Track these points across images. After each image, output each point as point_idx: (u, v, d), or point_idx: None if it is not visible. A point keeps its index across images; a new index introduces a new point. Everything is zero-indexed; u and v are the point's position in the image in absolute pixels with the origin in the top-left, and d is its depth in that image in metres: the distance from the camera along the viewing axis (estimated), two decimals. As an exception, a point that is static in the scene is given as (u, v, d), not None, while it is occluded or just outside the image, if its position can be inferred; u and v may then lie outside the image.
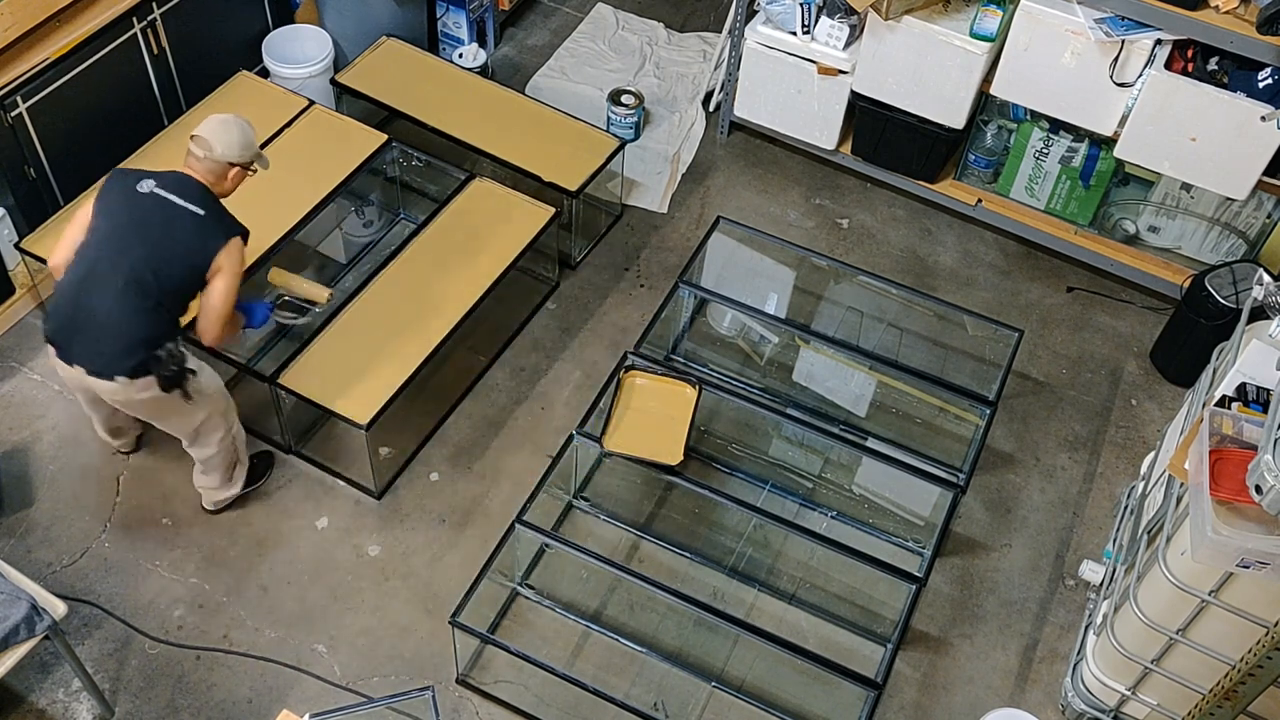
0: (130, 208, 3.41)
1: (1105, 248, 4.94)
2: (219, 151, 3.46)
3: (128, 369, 3.39)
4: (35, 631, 3.29)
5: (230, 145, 3.47)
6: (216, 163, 3.47)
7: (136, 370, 3.41)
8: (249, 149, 3.52)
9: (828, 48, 4.79)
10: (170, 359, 3.40)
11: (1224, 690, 2.99)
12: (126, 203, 3.42)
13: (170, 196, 3.41)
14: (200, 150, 3.46)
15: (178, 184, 3.44)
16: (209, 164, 3.47)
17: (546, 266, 4.87)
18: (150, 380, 3.44)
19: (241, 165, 3.53)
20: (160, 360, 3.40)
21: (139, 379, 3.42)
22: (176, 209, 3.39)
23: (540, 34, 5.93)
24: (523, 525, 3.82)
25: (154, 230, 3.39)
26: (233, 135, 3.47)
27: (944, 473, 4.23)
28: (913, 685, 3.95)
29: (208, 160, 3.47)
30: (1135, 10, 4.18)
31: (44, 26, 4.25)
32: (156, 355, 3.40)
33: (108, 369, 3.39)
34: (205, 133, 3.46)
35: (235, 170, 3.52)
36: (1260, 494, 2.65)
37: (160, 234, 3.39)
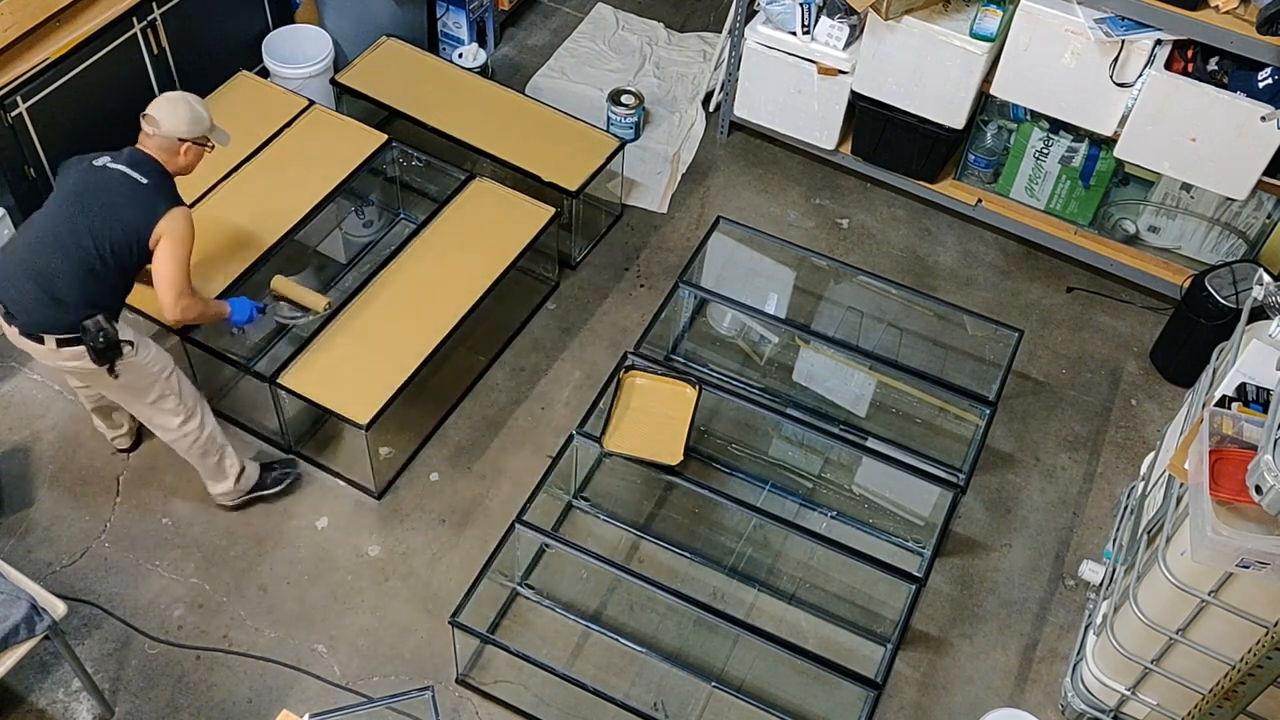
0: (82, 178, 3.53)
1: (1105, 248, 4.94)
2: (165, 127, 3.55)
3: (59, 328, 3.42)
4: (35, 631, 3.29)
5: (177, 121, 3.55)
6: (166, 138, 3.56)
7: (65, 335, 3.43)
8: (198, 124, 3.59)
9: (828, 48, 4.79)
10: (98, 330, 3.43)
11: (1224, 690, 2.99)
12: (80, 175, 3.53)
13: (119, 167, 3.51)
14: (149, 127, 3.56)
15: (129, 157, 3.54)
16: (159, 140, 3.56)
17: (546, 266, 4.87)
18: (79, 350, 3.46)
19: (193, 141, 3.60)
20: (88, 330, 3.42)
21: (65, 348, 3.46)
22: (123, 177, 3.49)
23: (540, 34, 5.93)
24: (523, 525, 3.82)
25: (100, 197, 3.47)
26: (180, 111, 3.56)
27: (944, 473, 4.23)
28: (912, 685, 3.95)
29: (157, 136, 3.55)
30: (1135, 10, 4.18)
31: (44, 26, 4.25)
32: (84, 325, 3.43)
33: (39, 327, 3.43)
34: (153, 110, 3.56)
35: (187, 146, 3.60)
36: (1260, 494, 2.65)
37: (104, 201, 3.47)
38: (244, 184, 4.50)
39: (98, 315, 3.44)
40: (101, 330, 3.43)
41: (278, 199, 4.44)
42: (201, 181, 4.40)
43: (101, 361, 3.48)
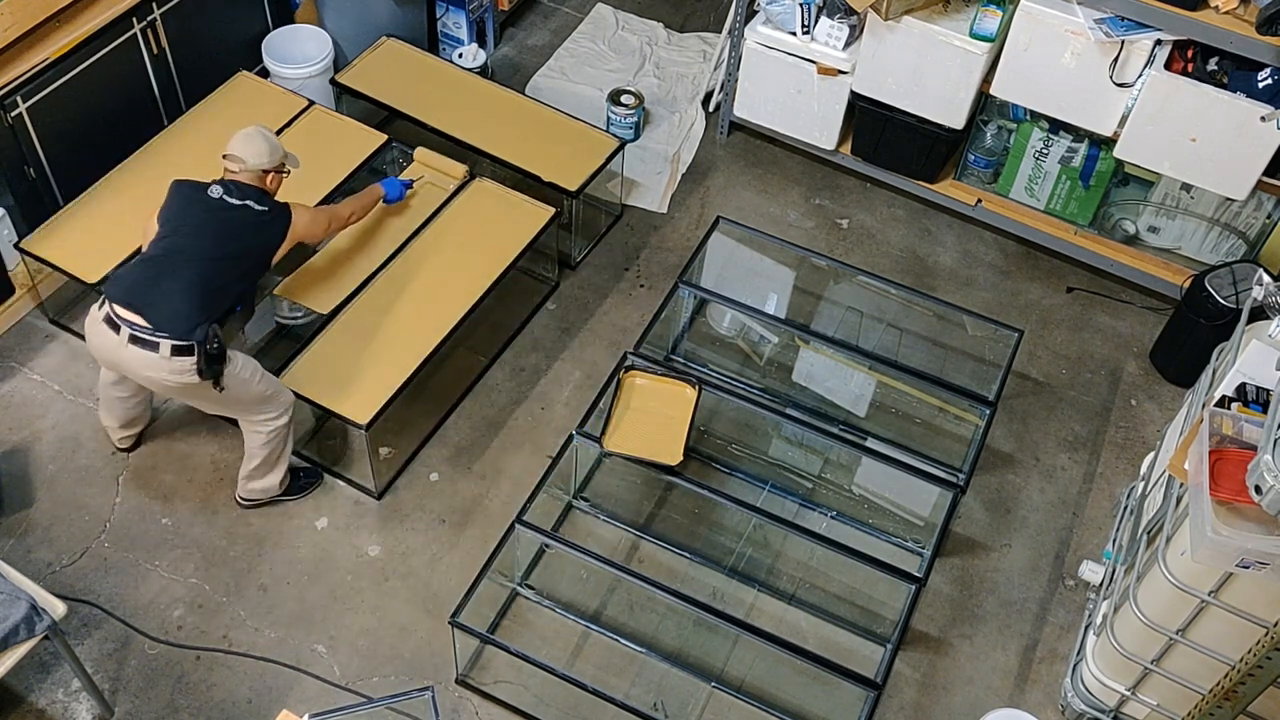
0: (203, 207, 3.69)
1: (1105, 248, 4.94)
2: (251, 162, 3.75)
3: (183, 330, 3.50)
4: (35, 631, 3.29)
5: (260, 154, 3.76)
6: (254, 172, 3.77)
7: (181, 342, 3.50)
8: (276, 152, 3.80)
9: (827, 48, 4.79)
10: (214, 336, 3.55)
11: (1224, 690, 2.99)
12: (199, 205, 3.70)
13: (233, 200, 3.71)
14: (235, 165, 3.75)
15: (234, 188, 3.74)
16: (247, 175, 3.77)
17: (546, 266, 4.87)
18: (189, 362, 3.52)
19: (275, 170, 3.81)
20: (206, 335, 3.53)
21: (178, 357, 3.52)
22: (242, 209, 3.70)
23: (540, 34, 5.93)
24: (523, 525, 3.82)
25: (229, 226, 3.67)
26: (258, 145, 3.76)
27: (944, 473, 4.23)
28: (912, 685, 3.95)
29: (245, 171, 3.76)
30: (1135, 10, 4.18)
31: (44, 26, 4.25)
32: (206, 329, 3.53)
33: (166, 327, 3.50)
34: (235, 149, 3.75)
35: (271, 175, 3.81)
36: (1260, 494, 2.65)
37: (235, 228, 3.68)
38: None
39: (213, 324, 3.56)
40: (216, 337, 3.54)
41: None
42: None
43: (208, 372, 3.55)
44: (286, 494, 4.17)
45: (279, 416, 3.89)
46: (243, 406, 3.82)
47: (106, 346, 3.60)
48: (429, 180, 4.60)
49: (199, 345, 3.51)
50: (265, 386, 3.81)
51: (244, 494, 4.12)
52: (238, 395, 3.74)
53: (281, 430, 3.92)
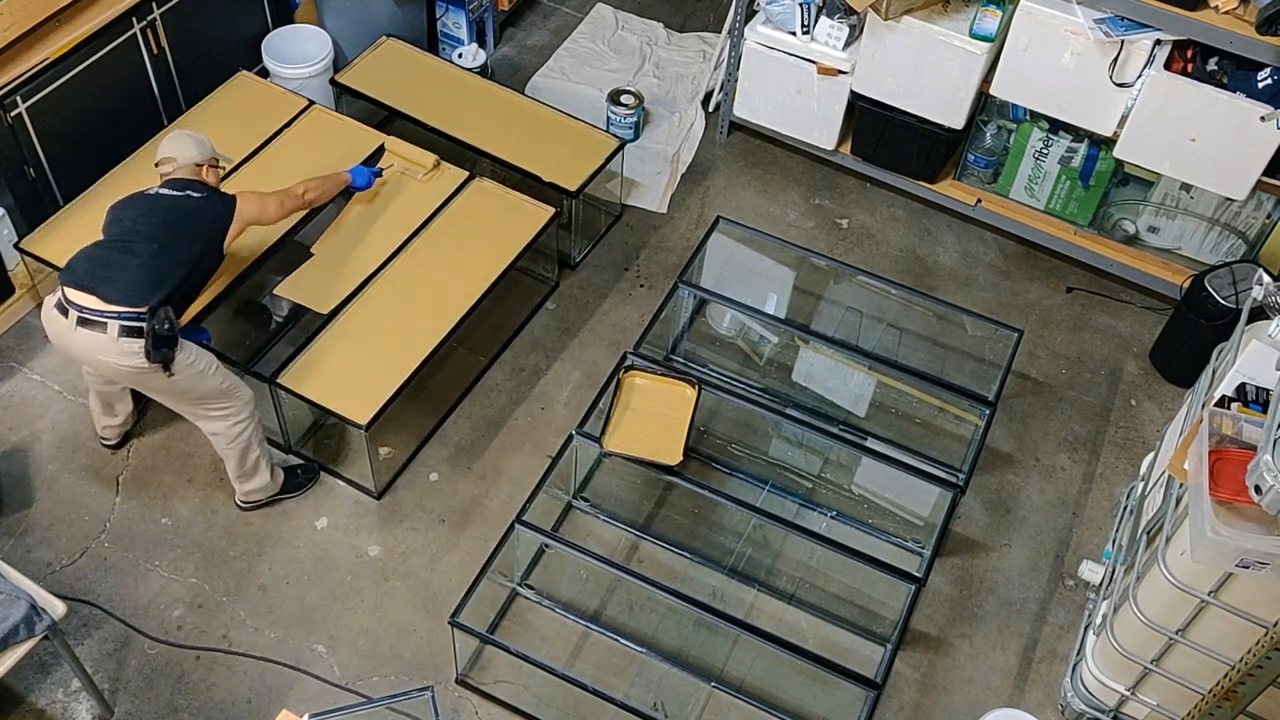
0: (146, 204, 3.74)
1: (1105, 248, 4.94)
2: (181, 159, 3.84)
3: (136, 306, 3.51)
4: (35, 631, 3.29)
5: (188, 150, 3.85)
6: (185, 167, 3.85)
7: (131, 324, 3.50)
8: (204, 147, 3.89)
9: (827, 48, 4.79)
10: (165, 318, 3.55)
11: (1224, 690, 2.99)
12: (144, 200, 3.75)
13: (172, 191, 3.76)
14: (168, 166, 3.85)
15: (171, 184, 3.79)
16: (182, 170, 3.84)
17: (546, 266, 4.87)
18: (137, 345, 3.51)
19: (208, 164, 3.88)
20: (156, 314, 3.53)
21: (125, 339, 3.51)
22: (183, 196, 3.75)
23: (540, 34, 5.94)
24: (522, 525, 3.82)
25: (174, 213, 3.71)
26: (185, 142, 3.87)
27: (943, 473, 4.24)
28: (912, 685, 3.95)
29: (178, 169, 3.84)
30: (1135, 10, 4.18)
31: (44, 26, 4.25)
32: (155, 310, 3.53)
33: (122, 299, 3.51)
34: (163, 152, 3.87)
35: (205, 167, 3.87)
36: (1260, 494, 2.65)
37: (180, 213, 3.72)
38: (244, 184, 4.49)
39: (168, 305, 3.57)
40: (168, 319, 3.55)
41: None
42: (201, 181, 4.41)
43: (155, 355, 3.54)
44: (285, 492, 4.17)
45: (237, 414, 3.85)
46: (199, 402, 3.78)
47: (58, 332, 3.62)
48: (399, 169, 4.59)
49: (148, 324, 3.50)
50: (221, 380, 3.79)
51: (241, 498, 4.12)
52: (192, 387, 3.71)
53: (243, 430, 3.89)
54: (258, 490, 4.09)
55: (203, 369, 3.72)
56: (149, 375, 3.62)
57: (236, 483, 4.07)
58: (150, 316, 3.51)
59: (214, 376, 3.77)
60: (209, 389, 3.76)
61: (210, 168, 3.88)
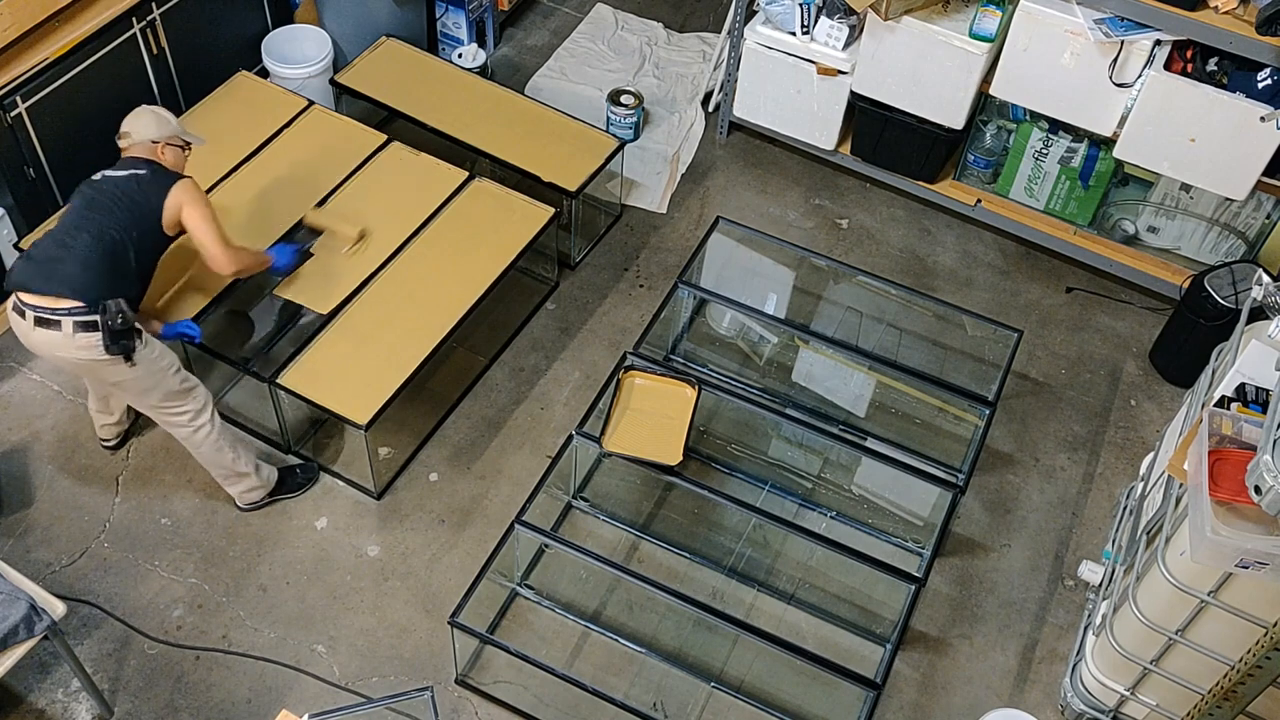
0: (90, 189, 3.71)
1: (1104, 248, 4.94)
2: (136, 135, 3.77)
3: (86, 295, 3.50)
4: (34, 632, 3.29)
5: (145, 126, 3.79)
6: (141, 143, 3.77)
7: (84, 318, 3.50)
8: (163, 125, 3.81)
9: (827, 48, 4.79)
10: (117, 311, 3.53)
11: (1223, 690, 2.99)
12: (87, 189, 3.73)
13: (117, 173, 3.73)
14: (124, 141, 3.79)
15: (122, 164, 3.77)
16: (137, 147, 3.78)
17: (546, 267, 4.87)
18: (94, 338, 3.52)
19: (166, 141, 3.80)
20: (108, 309, 3.51)
21: (81, 334, 3.51)
22: (125, 177, 3.71)
23: (540, 34, 5.94)
24: (522, 525, 3.82)
25: (112, 195, 3.67)
26: (145, 118, 3.80)
27: (943, 473, 4.24)
28: (912, 685, 3.95)
29: (134, 145, 3.78)
30: (1134, 11, 4.18)
31: (44, 26, 4.25)
32: (105, 304, 3.51)
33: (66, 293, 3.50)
34: (125, 126, 3.80)
35: (162, 145, 3.79)
36: (1259, 494, 2.65)
37: (117, 196, 3.67)
38: (243, 184, 4.50)
39: (119, 299, 3.55)
40: (121, 312, 3.53)
41: (277, 199, 4.44)
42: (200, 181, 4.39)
43: (114, 347, 3.54)
44: (284, 491, 4.17)
45: (198, 415, 3.84)
46: (161, 402, 3.77)
47: (20, 333, 3.62)
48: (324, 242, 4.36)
49: (101, 317, 3.50)
50: (180, 380, 3.78)
51: (238, 502, 4.13)
52: (155, 384, 3.71)
53: (207, 432, 3.87)
54: (250, 490, 4.09)
55: (165, 365, 3.71)
56: (110, 367, 3.61)
57: (227, 486, 4.06)
58: (101, 311, 3.50)
59: (175, 375, 3.75)
60: (169, 387, 3.74)
61: (169, 146, 3.79)
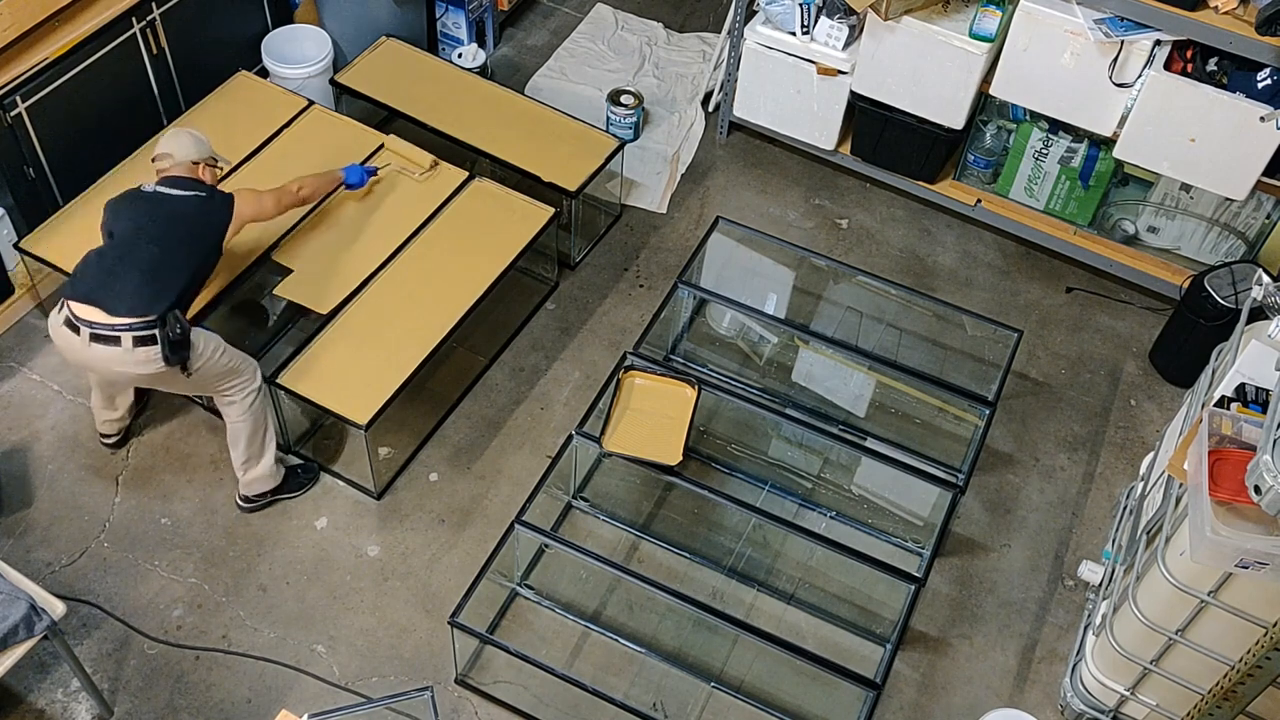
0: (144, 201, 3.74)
1: (1104, 248, 4.94)
2: (179, 155, 3.85)
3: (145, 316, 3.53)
4: (34, 631, 3.29)
5: (186, 147, 3.86)
6: (182, 164, 3.85)
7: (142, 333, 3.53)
8: (203, 145, 3.91)
9: (827, 48, 4.79)
10: (175, 322, 3.58)
11: (1223, 690, 2.99)
12: (141, 200, 3.75)
13: (173, 190, 3.77)
14: (164, 162, 3.85)
15: (171, 182, 3.80)
16: (180, 168, 3.85)
17: (546, 267, 4.87)
18: (153, 351, 3.55)
19: (205, 162, 3.90)
20: (166, 322, 3.56)
21: (141, 348, 3.54)
22: (185, 197, 3.77)
23: (539, 34, 5.94)
24: (522, 525, 3.82)
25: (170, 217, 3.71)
26: (184, 139, 3.88)
27: (943, 473, 4.24)
28: (912, 685, 3.95)
29: (175, 166, 3.85)
30: (1134, 11, 4.18)
31: (43, 26, 4.25)
32: (164, 317, 3.56)
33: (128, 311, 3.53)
34: (161, 148, 3.88)
35: (202, 166, 3.89)
36: (1259, 494, 2.65)
37: (175, 217, 3.72)
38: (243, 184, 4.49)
39: (176, 309, 3.60)
40: (179, 323, 3.58)
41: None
42: (201, 181, 4.41)
43: (173, 358, 3.59)
44: (285, 491, 4.17)
45: (249, 383, 3.90)
46: (213, 382, 3.83)
47: (70, 348, 3.62)
48: (395, 168, 4.59)
49: (160, 331, 3.53)
50: (229, 359, 3.83)
51: (244, 490, 4.11)
52: (206, 371, 3.76)
53: (255, 396, 3.92)
54: (261, 478, 4.08)
55: (211, 352, 3.75)
56: (168, 375, 3.67)
57: (242, 469, 4.05)
58: (160, 325, 3.54)
59: (223, 357, 3.80)
60: (221, 369, 3.80)
61: (207, 167, 3.90)
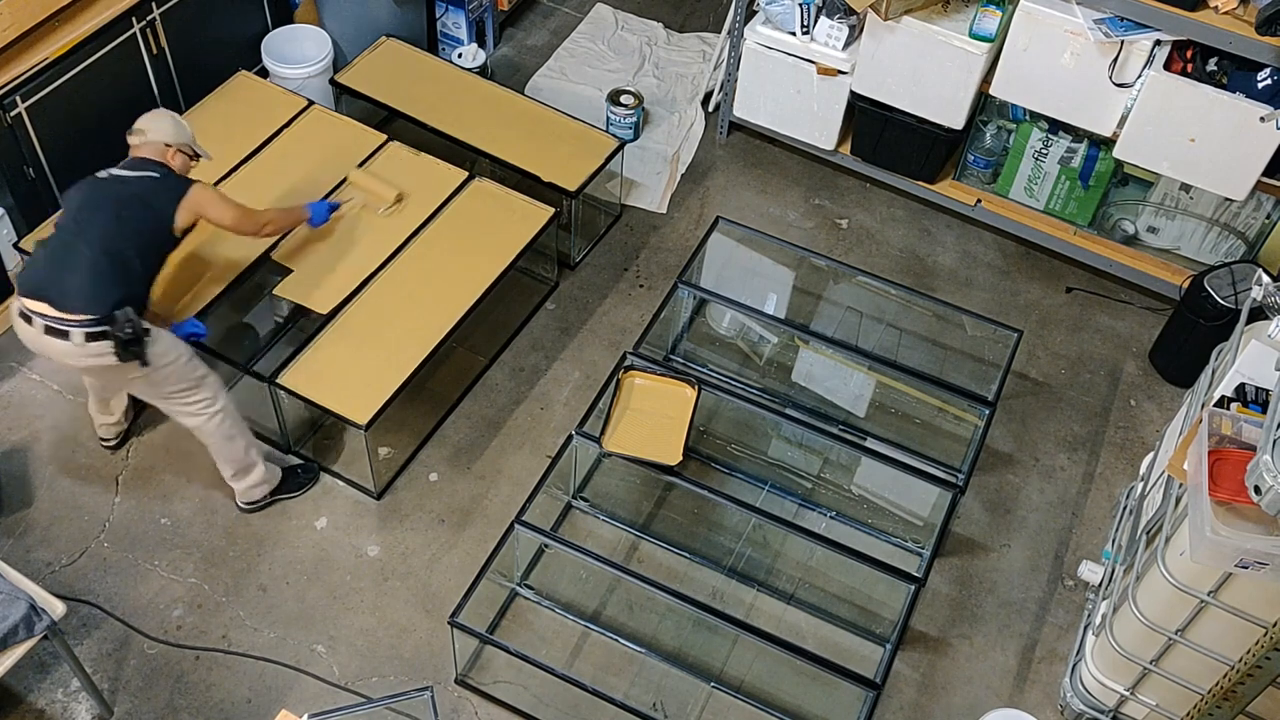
0: (95, 192, 3.67)
1: (1104, 248, 4.95)
2: (151, 135, 3.76)
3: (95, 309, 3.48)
4: (34, 631, 3.29)
5: (162, 128, 3.78)
6: (154, 144, 3.76)
7: (93, 329, 3.48)
8: (181, 132, 3.81)
9: (827, 48, 4.79)
10: (125, 321, 3.52)
11: (1223, 690, 2.99)
12: (91, 187, 3.69)
13: (127, 173, 3.70)
14: (137, 138, 3.76)
15: (132, 163, 3.74)
16: (149, 147, 3.76)
17: (546, 267, 4.87)
18: (105, 346, 3.51)
19: (178, 148, 3.79)
20: (116, 320, 3.50)
21: (92, 343, 3.50)
22: (137, 178, 3.69)
23: (539, 34, 5.94)
24: (522, 525, 3.82)
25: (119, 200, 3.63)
26: (163, 120, 3.80)
27: (943, 473, 4.24)
28: (912, 685, 3.95)
29: (145, 144, 3.76)
30: (1134, 11, 4.18)
31: (43, 26, 4.25)
32: (114, 315, 3.50)
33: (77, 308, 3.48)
34: (139, 124, 3.78)
35: (173, 151, 3.78)
36: (1259, 494, 2.65)
37: (124, 200, 3.64)
38: (243, 184, 4.50)
39: (126, 308, 3.53)
40: (129, 321, 3.52)
41: (277, 199, 4.44)
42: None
43: (126, 355, 3.54)
44: (285, 491, 4.17)
45: (211, 402, 3.83)
46: (174, 393, 3.76)
47: (28, 338, 3.61)
48: (360, 203, 4.47)
49: (110, 329, 3.48)
50: (194, 369, 3.77)
51: (242, 499, 4.12)
52: (166, 378, 3.70)
53: (220, 419, 3.86)
54: (256, 485, 4.08)
55: (174, 359, 3.69)
56: (124, 370, 3.61)
57: (233, 482, 4.06)
58: (110, 323, 3.48)
59: (187, 366, 3.74)
60: (183, 380, 3.74)
61: (179, 153, 3.78)
